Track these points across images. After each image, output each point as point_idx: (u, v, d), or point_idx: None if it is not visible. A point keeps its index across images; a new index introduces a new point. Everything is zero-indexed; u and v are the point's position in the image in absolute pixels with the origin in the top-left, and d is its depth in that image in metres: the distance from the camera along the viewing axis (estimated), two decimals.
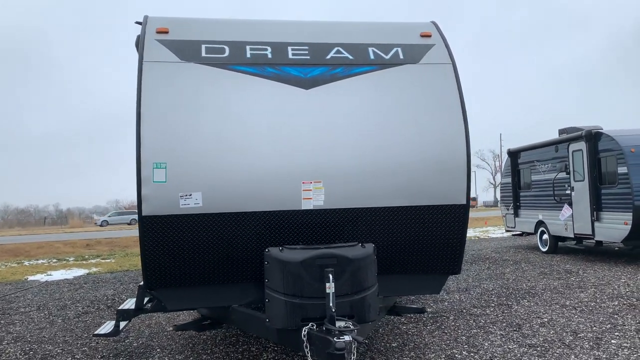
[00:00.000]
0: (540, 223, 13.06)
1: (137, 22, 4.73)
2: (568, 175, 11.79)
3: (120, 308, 5.37)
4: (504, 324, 6.22)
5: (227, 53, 4.55)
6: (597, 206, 10.87)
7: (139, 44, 4.48)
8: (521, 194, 14.12)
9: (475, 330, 6.01)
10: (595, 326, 5.99)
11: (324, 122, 4.43)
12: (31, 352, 5.82)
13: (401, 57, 4.78)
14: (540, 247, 13.14)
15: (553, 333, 5.78)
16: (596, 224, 10.86)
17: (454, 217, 4.55)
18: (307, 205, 4.32)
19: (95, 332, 5.29)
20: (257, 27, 4.88)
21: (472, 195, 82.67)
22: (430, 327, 6.24)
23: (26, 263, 15.18)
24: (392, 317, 6.81)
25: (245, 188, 4.23)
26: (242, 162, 4.25)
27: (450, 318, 6.65)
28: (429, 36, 4.98)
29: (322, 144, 4.38)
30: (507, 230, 15.21)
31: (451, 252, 4.65)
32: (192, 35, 4.62)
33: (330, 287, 3.66)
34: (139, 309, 5.25)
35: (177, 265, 4.25)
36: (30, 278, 11.99)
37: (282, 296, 3.79)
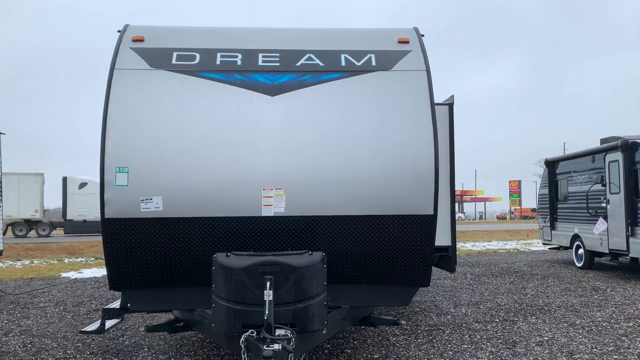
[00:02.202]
0: (575, 237, 12.41)
1: (119, 31, 4.90)
2: (604, 187, 11.16)
3: (106, 307, 5.55)
4: (499, 341, 5.96)
5: (197, 60, 4.62)
6: (632, 221, 10.21)
7: (114, 51, 4.64)
8: (558, 205, 13.46)
9: (465, 346, 5.78)
10: (596, 347, 5.63)
11: (288, 129, 4.41)
12: (30, 345, 6.10)
13: (374, 63, 4.69)
14: (576, 262, 12.48)
15: (547, 353, 5.48)
16: (631, 239, 10.20)
17: (420, 227, 4.40)
18: (267, 212, 4.31)
19: (82, 330, 5.49)
20: (230, 35, 4.93)
21: (533, 206, 79.57)
22: (421, 340, 6.06)
23: (65, 260, 15.96)
24: (387, 328, 6.68)
25: (205, 194, 4.28)
26: (203, 168, 4.30)
27: (446, 332, 6.43)
28: (407, 42, 4.85)
29: (284, 151, 4.36)
30: (544, 244, 14.54)
31: (418, 263, 4.50)
32: (165, 43, 4.73)
33: (268, 295, 3.63)
34: (123, 308, 5.40)
35: (138, 268, 4.35)
36: (63, 275, 12.59)
37: (224, 302, 3.80)
